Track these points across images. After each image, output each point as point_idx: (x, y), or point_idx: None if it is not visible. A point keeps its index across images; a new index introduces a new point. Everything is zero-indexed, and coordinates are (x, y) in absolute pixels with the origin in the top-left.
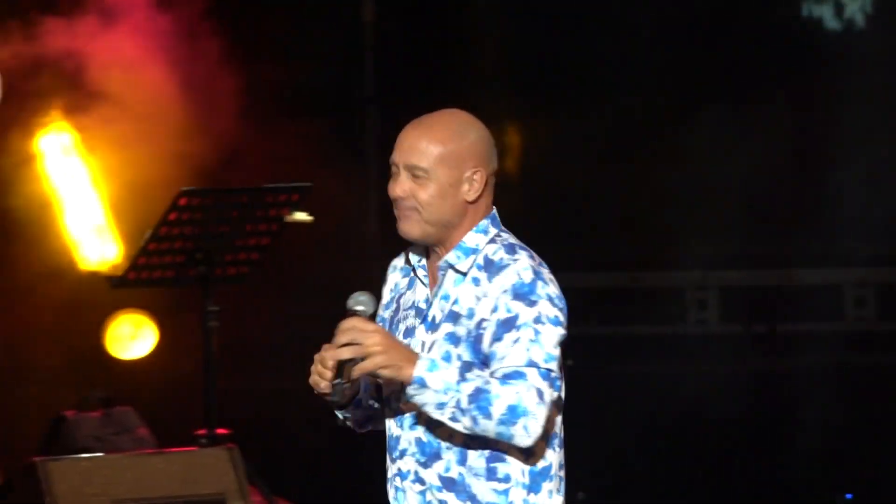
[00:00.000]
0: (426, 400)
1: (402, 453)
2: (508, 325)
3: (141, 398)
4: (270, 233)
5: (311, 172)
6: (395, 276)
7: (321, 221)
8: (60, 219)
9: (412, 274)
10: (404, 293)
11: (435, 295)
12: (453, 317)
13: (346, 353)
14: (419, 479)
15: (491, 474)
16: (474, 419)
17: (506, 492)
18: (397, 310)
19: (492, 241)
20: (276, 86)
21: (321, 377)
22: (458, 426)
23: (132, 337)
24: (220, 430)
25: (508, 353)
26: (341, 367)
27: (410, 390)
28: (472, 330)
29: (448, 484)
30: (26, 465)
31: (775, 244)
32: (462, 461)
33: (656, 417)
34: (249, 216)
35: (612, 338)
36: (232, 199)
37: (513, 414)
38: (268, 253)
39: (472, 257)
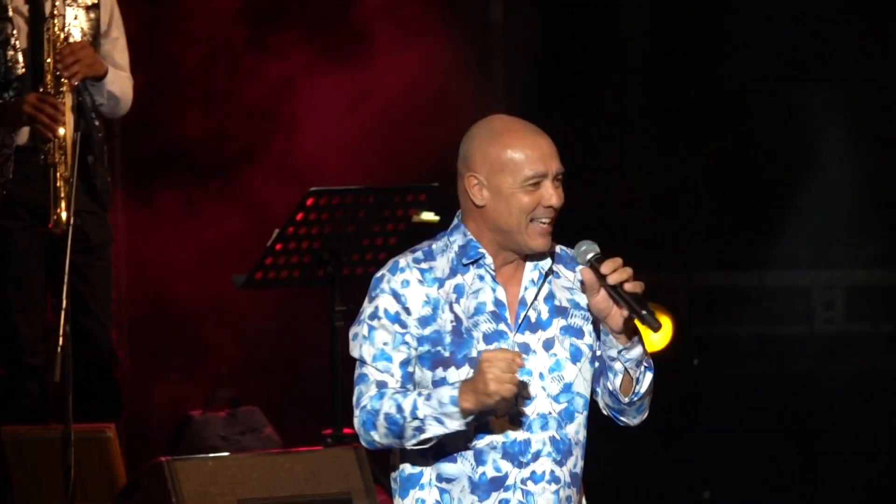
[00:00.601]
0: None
1: (537, 455)
2: None
3: (267, 398)
4: (397, 232)
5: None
6: (420, 289)
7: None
8: None
9: (467, 277)
10: (460, 300)
11: (536, 296)
12: (562, 312)
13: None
14: (555, 479)
15: None
16: None
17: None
18: (457, 319)
19: None
20: None
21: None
22: None
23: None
24: (347, 430)
25: None
26: None
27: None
28: (588, 318)
29: (575, 479)
30: (153, 465)
31: None
32: (583, 456)
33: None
34: (376, 216)
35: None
36: (359, 198)
37: None
38: (395, 253)
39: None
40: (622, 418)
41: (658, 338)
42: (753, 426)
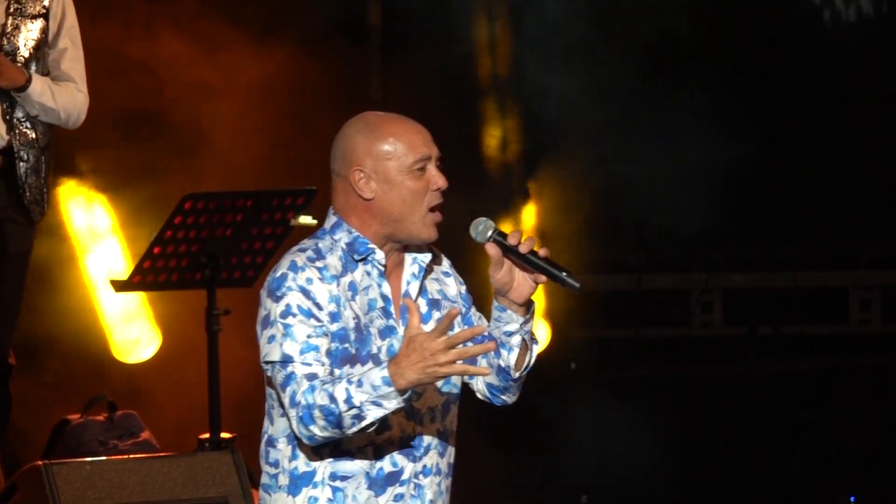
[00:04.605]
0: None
1: (427, 449)
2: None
3: (144, 402)
4: (275, 236)
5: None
6: (323, 286)
7: None
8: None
9: (356, 275)
10: (355, 297)
11: (421, 290)
12: (436, 304)
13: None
14: (439, 471)
15: None
16: None
17: None
18: (357, 316)
19: None
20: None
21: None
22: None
23: (137, 340)
24: (224, 434)
25: None
26: None
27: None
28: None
29: (450, 470)
30: (30, 469)
31: None
32: (455, 444)
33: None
34: (254, 220)
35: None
36: (236, 202)
37: None
38: (273, 256)
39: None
40: (503, 397)
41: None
42: (633, 428)
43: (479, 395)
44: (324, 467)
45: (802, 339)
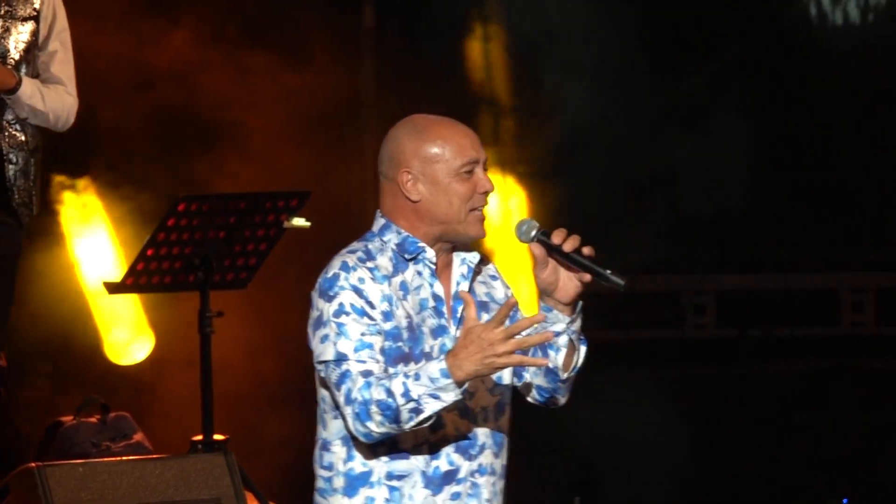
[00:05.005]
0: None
1: (482, 448)
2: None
3: (137, 404)
4: (269, 238)
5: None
6: (375, 286)
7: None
8: None
9: (407, 275)
10: (407, 297)
11: (470, 291)
12: (484, 306)
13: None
14: (493, 471)
15: None
16: None
17: None
18: (409, 315)
19: None
20: None
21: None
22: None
23: (130, 342)
24: (217, 436)
25: None
26: None
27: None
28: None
29: (503, 472)
30: (23, 471)
31: None
32: (509, 447)
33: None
34: (248, 222)
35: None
36: (230, 204)
37: None
38: (266, 258)
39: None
40: (552, 398)
41: None
42: (625, 430)
43: (528, 398)
44: (380, 467)
45: (794, 341)
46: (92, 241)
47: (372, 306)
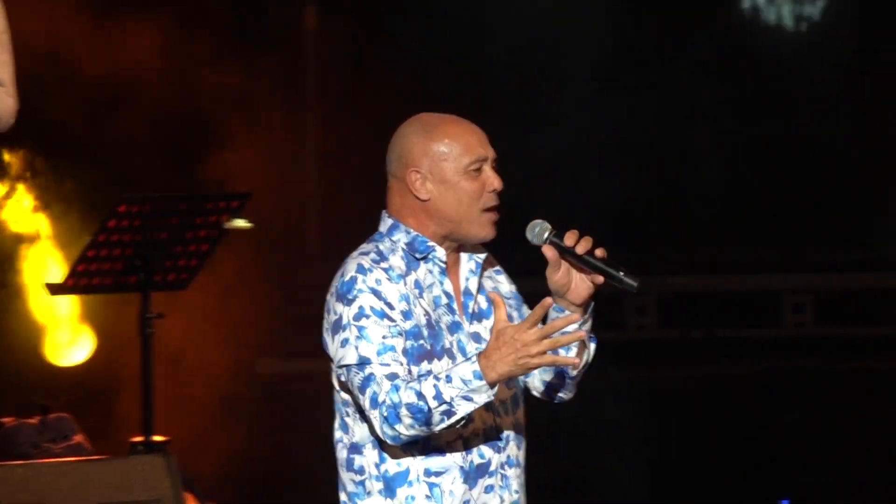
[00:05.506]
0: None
1: (507, 440)
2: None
3: (77, 405)
4: (210, 239)
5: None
6: (392, 286)
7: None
8: None
9: (419, 273)
10: (422, 294)
11: (479, 287)
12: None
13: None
14: (518, 463)
15: None
16: None
17: None
18: (427, 312)
19: None
20: None
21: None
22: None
23: (70, 343)
24: (157, 437)
25: None
26: None
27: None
28: (512, 306)
29: (524, 464)
30: None
31: None
32: (527, 439)
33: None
34: (189, 223)
35: None
36: (171, 205)
37: None
38: (207, 259)
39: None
40: (559, 394)
41: None
42: (566, 432)
43: (535, 393)
44: (416, 465)
45: (736, 342)
46: (33, 242)
47: (391, 307)
